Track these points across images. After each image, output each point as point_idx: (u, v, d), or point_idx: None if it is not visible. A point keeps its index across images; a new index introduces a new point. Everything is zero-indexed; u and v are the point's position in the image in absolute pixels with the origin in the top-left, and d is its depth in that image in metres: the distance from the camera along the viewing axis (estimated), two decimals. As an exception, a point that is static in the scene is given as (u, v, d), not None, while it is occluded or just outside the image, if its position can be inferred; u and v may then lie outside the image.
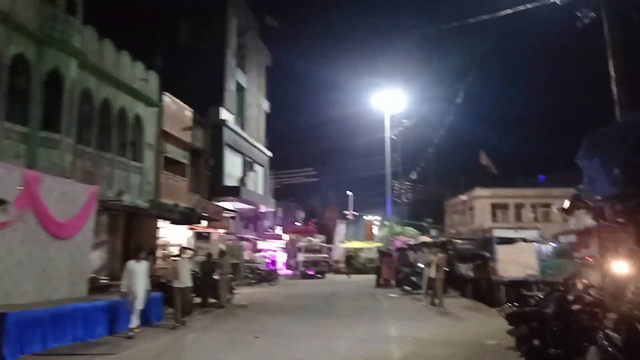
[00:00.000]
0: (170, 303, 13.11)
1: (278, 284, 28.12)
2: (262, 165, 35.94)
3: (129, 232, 19.32)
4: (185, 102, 23.94)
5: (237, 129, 30.19)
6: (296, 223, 56.35)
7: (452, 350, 9.30)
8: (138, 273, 11.23)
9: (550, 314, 6.66)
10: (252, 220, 38.47)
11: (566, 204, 7.41)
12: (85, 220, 12.83)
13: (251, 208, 33.19)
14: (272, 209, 39.58)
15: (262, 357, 8.87)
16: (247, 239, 35.01)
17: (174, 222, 20.54)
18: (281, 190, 48.24)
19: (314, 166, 48.93)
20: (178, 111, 23.42)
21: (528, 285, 15.10)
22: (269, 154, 37.25)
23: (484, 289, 17.27)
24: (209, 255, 18.10)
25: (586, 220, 18.34)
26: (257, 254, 35.19)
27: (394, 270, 25.98)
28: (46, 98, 14.65)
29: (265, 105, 37.56)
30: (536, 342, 6.31)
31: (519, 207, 52.71)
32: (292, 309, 16.86)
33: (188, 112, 24.38)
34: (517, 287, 15.37)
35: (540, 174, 56.47)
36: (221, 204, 26.96)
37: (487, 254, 17.31)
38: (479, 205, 52.80)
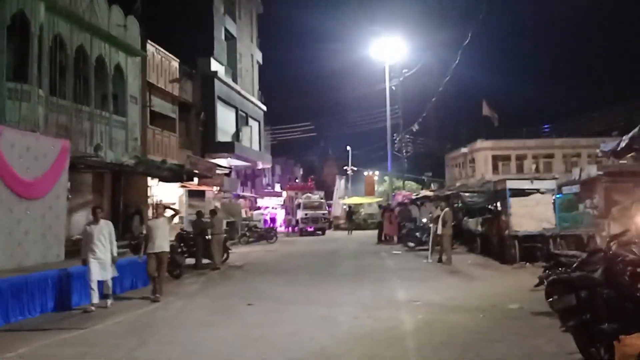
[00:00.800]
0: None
1: (277, 241, 27.29)
2: (257, 120, 34.34)
3: (117, 191, 18.19)
4: (171, 53, 22.30)
5: (229, 81, 28.50)
6: (295, 179, 55.32)
7: (471, 317, 8.15)
8: (95, 236, 9.65)
9: (599, 280, 5.43)
10: (249, 177, 37.32)
11: (623, 143, 5.94)
12: (56, 178, 11.47)
13: (247, 165, 31.92)
14: (269, 166, 38.28)
15: (251, 331, 7.65)
16: (244, 197, 33.97)
17: (163, 179, 19.25)
18: (278, 146, 46.91)
19: (311, 120, 47.35)
20: (164, 62, 21.81)
21: (545, 239, 14.06)
22: (264, 108, 35.59)
23: (494, 244, 16.21)
24: (199, 214, 16.91)
25: (591, 170, 17.21)
26: (255, 212, 34.34)
27: (396, 226, 24.97)
28: (13, 45, 13.18)
29: (258, 56, 35.65)
30: (587, 315, 5.09)
31: (520, 158, 51.81)
32: (290, 269, 15.86)
33: (175, 63, 22.77)
34: (531, 242, 14.39)
35: (544, 124, 55.19)
36: (215, 160, 25.63)
37: (498, 207, 16.17)
38: (480, 158, 51.80)
